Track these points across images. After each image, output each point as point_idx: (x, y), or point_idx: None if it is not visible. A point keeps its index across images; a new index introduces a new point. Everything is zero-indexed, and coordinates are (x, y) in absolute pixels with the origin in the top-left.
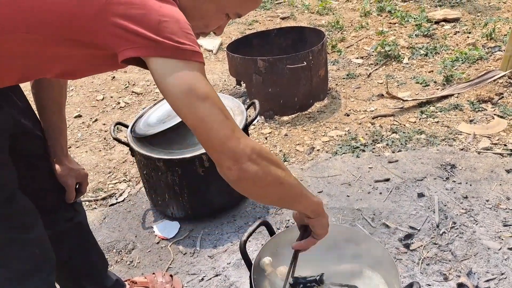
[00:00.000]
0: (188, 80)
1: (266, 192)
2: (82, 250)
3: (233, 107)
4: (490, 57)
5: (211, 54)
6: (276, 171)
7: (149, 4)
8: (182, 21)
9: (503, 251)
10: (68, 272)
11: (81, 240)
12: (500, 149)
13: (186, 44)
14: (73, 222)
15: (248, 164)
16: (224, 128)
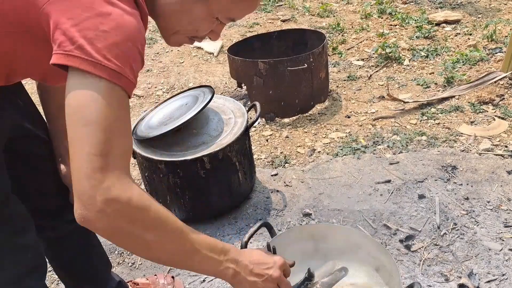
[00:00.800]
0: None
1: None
2: (86, 252)
3: (234, 109)
4: (491, 58)
5: (212, 57)
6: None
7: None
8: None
9: (504, 252)
10: (72, 274)
11: (84, 242)
12: (501, 151)
13: (112, 63)
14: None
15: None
16: (87, 163)
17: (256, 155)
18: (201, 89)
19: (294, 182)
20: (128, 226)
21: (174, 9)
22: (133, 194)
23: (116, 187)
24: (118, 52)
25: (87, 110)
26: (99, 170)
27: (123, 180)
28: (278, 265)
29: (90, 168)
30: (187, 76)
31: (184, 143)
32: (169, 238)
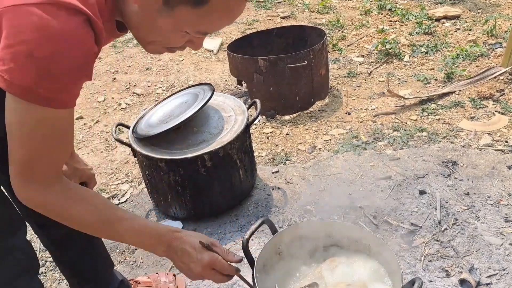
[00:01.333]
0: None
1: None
2: (88, 251)
3: (235, 107)
4: (491, 53)
5: (211, 54)
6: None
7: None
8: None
9: (504, 246)
10: (75, 273)
11: (86, 242)
12: (502, 146)
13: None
14: None
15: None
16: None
17: (256, 153)
18: (201, 86)
19: (295, 179)
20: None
21: (139, 21)
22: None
23: (33, 195)
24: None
25: (12, 128)
26: (21, 180)
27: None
28: (201, 263)
29: (14, 177)
30: (187, 74)
31: (185, 141)
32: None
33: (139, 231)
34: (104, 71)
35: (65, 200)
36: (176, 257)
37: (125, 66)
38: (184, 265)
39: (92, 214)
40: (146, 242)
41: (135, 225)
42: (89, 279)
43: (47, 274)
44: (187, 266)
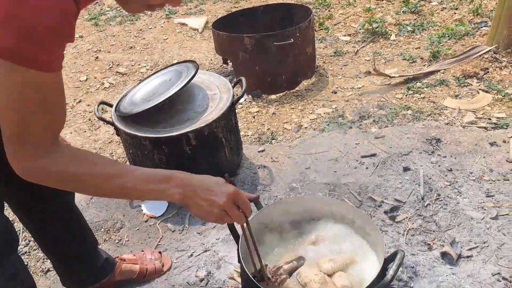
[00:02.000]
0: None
1: None
2: (72, 229)
3: (219, 85)
4: (476, 32)
5: (196, 33)
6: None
7: None
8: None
9: (485, 220)
10: (56, 249)
11: (70, 219)
12: (485, 123)
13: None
14: (61, 200)
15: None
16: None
17: (243, 132)
18: (184, 64)
19: (281, 157)
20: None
21: None
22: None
23: (31, 165)
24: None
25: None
26: (15, 148)
27: (37, 158)
28: (226, 194)
29: (9, 145)
30: (171, 53)
31: (169, 119)
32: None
33: (149, 178)
34: (86, 50)
35: (65, 163)
36: (194, 195)
37: (107, 45)
38: (205, 201)
39: (96, 171)
40: (158, 187)
41: (143, 174)
42: (72, 256)
43: (31, 254)
44: (209, 202)
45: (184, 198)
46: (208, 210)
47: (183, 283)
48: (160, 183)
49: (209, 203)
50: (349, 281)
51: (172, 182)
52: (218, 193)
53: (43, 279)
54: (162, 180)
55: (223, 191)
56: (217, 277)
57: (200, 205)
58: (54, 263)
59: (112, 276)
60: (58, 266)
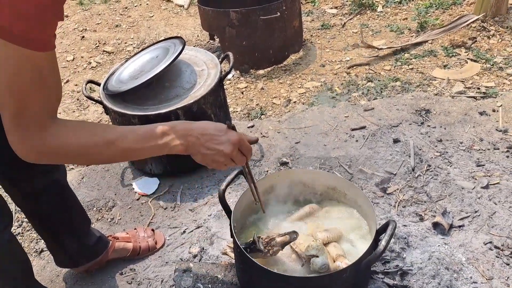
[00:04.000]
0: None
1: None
2: (63, 206)
3: (207, 61)
4: (463, 1)
5: (182, 9)
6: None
7: None
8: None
9: (476, 190)
10: (49, 228)
11: (60, 197)
12: (474, 93)
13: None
14: (51, 178)
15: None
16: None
17: (232, 108)
18: (171, 40)
19: (271, 132)
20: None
21: None
22: (48, 141)
23: (31, 139)
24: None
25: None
26: (16, 129)
27: (36, 132)
28: (232, 141)
29: (10, 128)
30: (158, 30)
31: (157, 96)
32: (100, 155)
33: (149, 135)
34: (71, 30)
35: (65, 136)
36: (197, 143)
37: (93, 24)
38: (210, 150)
39: (96, 140)
40: (160, 142)
41: (143, 132)
42: (64, 235)
43: (24, 234)
44: (214, 151)
45: (187, 148)
46: (214, 158)
47: (177, 259)
48: (160, 137)
49: (215, 152)
50: (343, 251)
51: (172, 135)
52: (223, 141)
53: (37, 259)
54: (162, 134)
55: (228, 139)
56: (210, 253)
57: (204, 154)
58: (47, 242)
59: (105, 255)
60: (51, 245)
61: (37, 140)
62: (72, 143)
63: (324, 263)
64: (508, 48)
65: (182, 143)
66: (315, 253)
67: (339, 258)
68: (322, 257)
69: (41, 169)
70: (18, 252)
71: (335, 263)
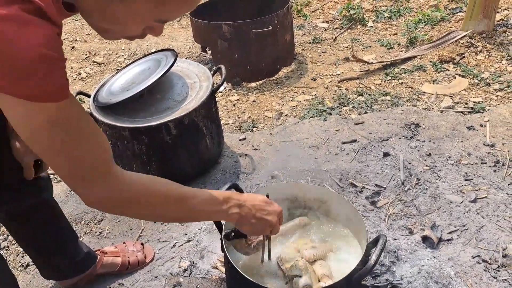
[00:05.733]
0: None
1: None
2: (50, 226)
3: (199, 73)
4: (451, 18)
5: (174, 21)
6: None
7: None
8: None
9: (464, 204)
10: (37, 248)
11: (48, 216)
12: (462, 107)
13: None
14: (37, 199)
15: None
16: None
17: (223, 120)
18: (163, 53)
19: (262, 145)
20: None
21: (91, 8)
22: (120, 189)
23: (99, 193)
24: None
25: (36, 140)
26: (79, 184)
27: (102, 184)
28: (277, 213)
29: (73, 187)
30: (149, 42)
31: (148, 109)
32: (170, 209)
33: (212, 200)
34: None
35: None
36: (249, 214)
37: (84, 34)
38: (258, 220)
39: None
40: (220, 208)
41: (207, 195)
42: (52, 252)
43: (9, 248)
44: (262, 221)
45: (241, 218)
46: (259, 228)
47: (166, 274)
48: (221, 204)
49: (263, 222)
50: (329, 270)
51: (230, 203)
52: (270, 213)
53: (23, 273)
54: (223, 201)
55: (274, 210)
56: (201, 267)
57: (252, 224)
58: (33, 258)
59: (93, 269)
60: (37, 259)
61: (105, 188)
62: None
63: (306, 283)
64: (495, 64)
65: (238, 212)
66: (298, 273)
67: (324, 278)
68: (305, 277)
69: (30, 190)
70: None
71: (320, 283)
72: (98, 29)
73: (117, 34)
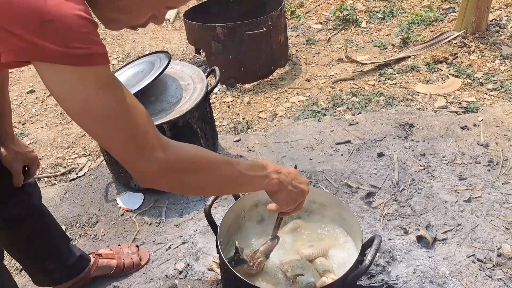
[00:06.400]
0: (80, 94)
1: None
2: (40, 232)
3: (193, 75)
4: (444, 18)
5: (167, 23)
6: (194, 178)
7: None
8: (75, 18)
9: (459, 203)
10: (29, 254)
11: (38, 222)
12: (455, 107)
13: (78, 47)
14: (26, 205)
15: (156, 181)
16: (126, 151)
17: (218, 122)
18: (157, 55)
19: (257, 146)
20: (184, 177)
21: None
22: (175, 153)
23: (159, 154)
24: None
25: (92, 109)
26: (139, 150)
27: (160, 147)
28: (307, 183)
29: (132, 154)
30: (143, 44)
31: None
32: (219, 172)
33: (252, 166)
34: None
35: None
36: (286, 181)
37: None
38: (295, 189)
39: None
40: (261, 173)
41: (247, 162)
42: (44, 256)
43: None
44: (298, 189)
45: (280, 183)
46: (294, 196)
47: (162, 276)
48: (262, 169)
49: (298, 190)
50: (330, 266)
51: (269, 169)
52: (303, 182)
53: (17, 277)
54: (263, 167)
55: (305, 180)
56: (196, 269)
57: (290, 191)
58: (24, 266)
59: (88, 272)
60: (29, 267)
61: (162, 154)
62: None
63: (308, 281)
64: (488, 64)
65: (277, 177)
66: (300, 272)
67: (326, 273)
68: (308, 274)
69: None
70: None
71: (322, 278)
72: (105, 20)
73: (123, 24)
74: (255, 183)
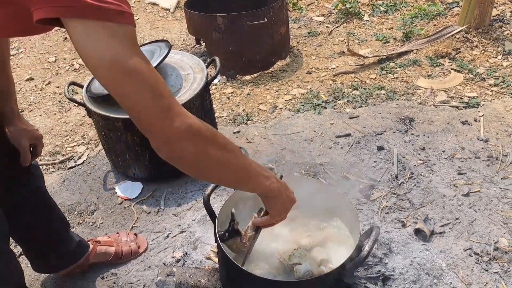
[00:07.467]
0: (111, 49)
1: (203, 172)
2: (42, 215)
3: (193, 65)
4: (448, 13)
5: (168, 13)
6: (216, 153)
7: None
8: None
9: (457, 197)
10: (29, 237)
11: (40, 205)
12: (456, 102)
13: (111, 2)
14: (30, 187)
15: (180, 145)
16: (153, 108)
17: (217, 113)
18: (157, 43)
19: (257, 138)
20: (206, 148)
21: None
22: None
23: (184, 118)
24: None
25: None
26: (165, 110)
27: (186, 114)
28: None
29: (159, 110)
30: (143, 34)
31: None
32: (233, 154)
33: (259, 166)
34: (54, 30)
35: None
36: (281, 189)
37: None
38: (287, 198)
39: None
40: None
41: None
42: (42, 242)
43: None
44: (289, 199)
45: (278, 190)
46: (287, 205)
47: (160, 264)
48: (265, 170)
49: (289, 200)
50: (328, 255)
51: (270, 173)
52: (292, 192)
53: None
54: (266, 169)
55: (293, 191)
56: (194, 258)
57: (284, 201)
58: (24, 250)
59: (86, 259)
60: (29, 252)
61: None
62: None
63: (306, 269)
64: (490, 59)
65: (277, 182)
66: (298, 260)
67: (323, 262)
68: (305, 263)
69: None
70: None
71: (320, 267)
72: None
73: None
74: (260, 180)
